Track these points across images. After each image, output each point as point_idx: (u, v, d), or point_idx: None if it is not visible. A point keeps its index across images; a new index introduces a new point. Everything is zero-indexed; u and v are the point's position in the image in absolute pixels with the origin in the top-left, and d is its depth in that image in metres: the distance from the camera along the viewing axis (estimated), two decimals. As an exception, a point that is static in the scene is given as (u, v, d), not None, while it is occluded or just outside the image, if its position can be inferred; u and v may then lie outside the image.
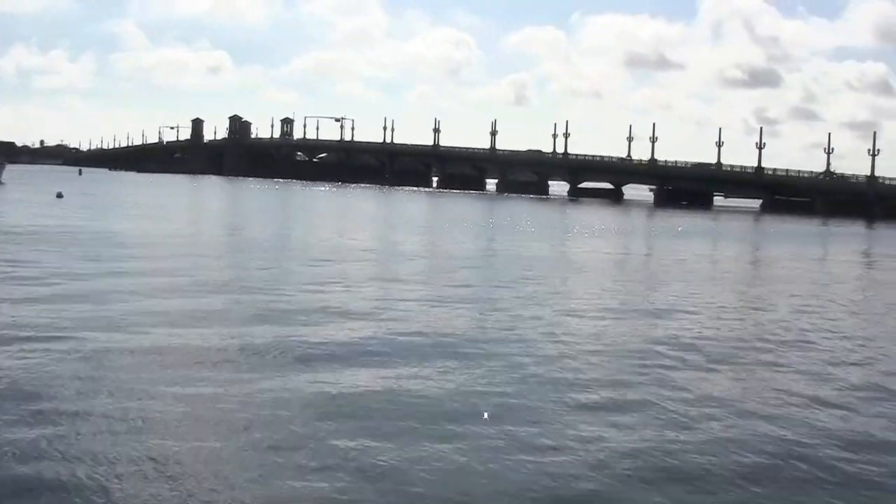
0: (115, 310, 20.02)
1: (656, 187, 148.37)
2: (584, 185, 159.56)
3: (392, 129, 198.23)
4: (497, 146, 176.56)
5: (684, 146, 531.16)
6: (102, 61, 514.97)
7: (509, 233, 58.16)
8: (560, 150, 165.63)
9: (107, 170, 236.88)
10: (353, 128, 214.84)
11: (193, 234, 47.72)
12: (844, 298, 29.30)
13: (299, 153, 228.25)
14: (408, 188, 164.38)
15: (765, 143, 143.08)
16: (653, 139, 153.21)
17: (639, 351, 18.09)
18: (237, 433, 11.47)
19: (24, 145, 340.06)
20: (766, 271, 42.24)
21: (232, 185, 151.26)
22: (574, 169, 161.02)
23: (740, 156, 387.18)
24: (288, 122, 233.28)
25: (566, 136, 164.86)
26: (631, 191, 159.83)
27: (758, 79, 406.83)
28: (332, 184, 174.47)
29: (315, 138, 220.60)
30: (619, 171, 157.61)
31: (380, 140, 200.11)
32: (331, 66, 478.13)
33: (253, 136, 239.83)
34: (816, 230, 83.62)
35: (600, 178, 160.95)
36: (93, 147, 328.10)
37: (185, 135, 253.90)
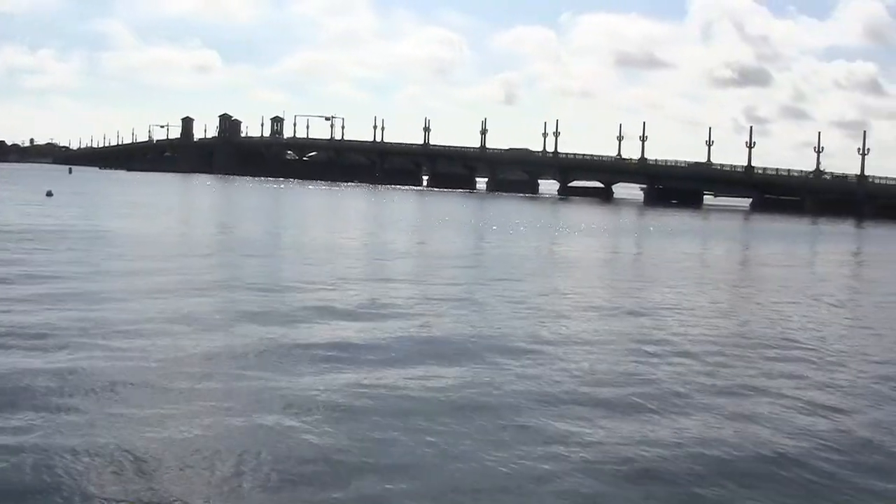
0: (104, 310, 20.00)
1: (646, 186, 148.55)
2: (575, 183, 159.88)
3: (382, 129, 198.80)
4: (487, 145, 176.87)
5: (674, 145, 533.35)
6: (91, 60, 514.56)
7: (499, 232, 58.18)
8: (550, 149, 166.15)
9: (97, 168, 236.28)
10: (343, 127, 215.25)
11: (184, 232, 47.61)
12: (832, 297, 29.38)
13: (289, 152, 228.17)
14: (398, 187, 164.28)
15: (755, 142, 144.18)
16: (643, 138, 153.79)
17: (626, 350, 18.15)
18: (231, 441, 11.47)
19: (13, 144, 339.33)
20: (755, 270, 42.35)
21: (222, 184, 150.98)
22: (564, 168, 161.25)
23: (730, 155, 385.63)
24: (278, 121, 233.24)
25: (556, 135, 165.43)
26: (621, 190, 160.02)
27: (747, 78, 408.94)
28: (323, 183, 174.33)
29: (305, 137, 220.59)
30: (610, 170, 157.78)
31: (370, 139, 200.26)
32: (320, 66, 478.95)
33: (243, 134, 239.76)
34: (806, 229, 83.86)
35: (590, 177, 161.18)
36: (83, 146, 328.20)
37: (175, 133, 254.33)
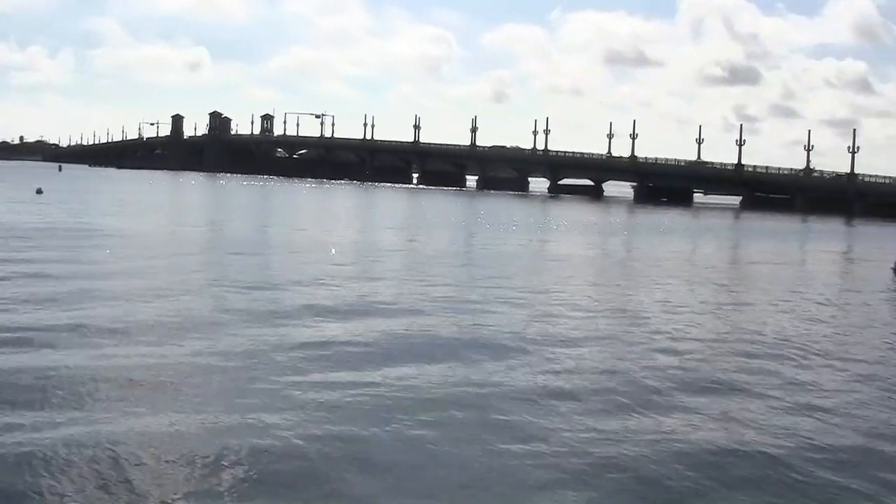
0: (93, 311, 19.97)
1: (636, 184, 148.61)
2: (565, 181, 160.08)
3: (372, 126, 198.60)
4: (477, 143, 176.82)
5: (665, 143, 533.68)
6: (82, 58, 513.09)
7: (488, 230, 58.18)
8: (540, 146, 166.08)
9: (87, 166, 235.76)
10: (333, 125, 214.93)
11: (173, 230, 47.55)
12: (820, 295, 29.45)
13: (279, 150, 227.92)
14: (388, 185, 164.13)
15: (745, 141, 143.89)
16: (633, 136, 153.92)
17: (612, 349, 18.21)
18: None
19: (3, 141, 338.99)
20: (744, 268, 42.40)
21: (212, 182, 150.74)
22: (554, 166, 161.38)
23: (720, 153, 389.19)
24: (268, 119, 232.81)
25: (546, 132, 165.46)
26: (611, 188, 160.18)
27: (737, 76, 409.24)
28: (313, 180, 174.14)
29: (295, 135, 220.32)
30: (600, 167, 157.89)
31: (360, 137, 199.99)
32: (311, 64, 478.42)
33: (233, 132, 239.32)
34: (796, 227, 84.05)
35: (581, 175, 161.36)
36: (73, 143, 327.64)
37: (166, 131, 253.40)
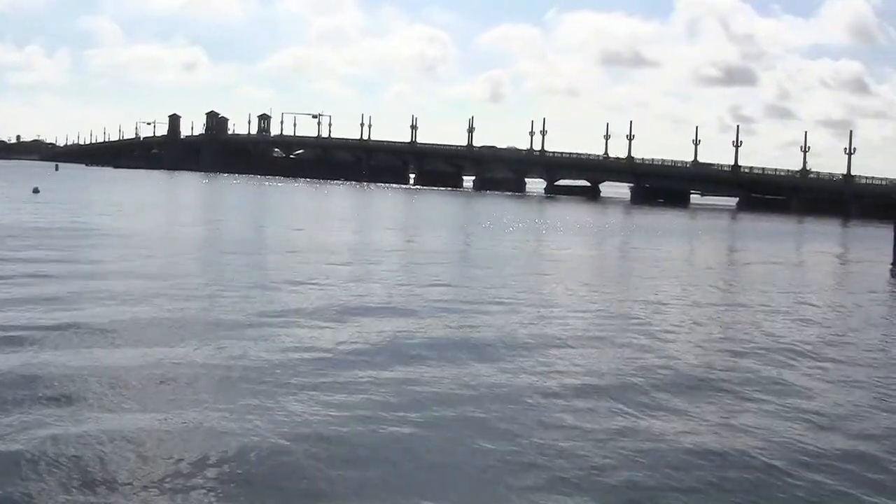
0: (88, 313, 19.93)
1: (633, 185, 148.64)
2: (561, 182, 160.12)
3: (369, 127, 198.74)
4: (474, 143, 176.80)
5: (661, 144, 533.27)
6: (78, 57, 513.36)
7: (484, 230, 58.13)
8: (537, 147, 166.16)
9: (84, 165, 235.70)
10: (330, 125, 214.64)
11: (170, 230, 47.50)
12: (817, 298, 29.46)
13: (276, 149, 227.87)
14: (385, 185, 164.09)
15: (741, 141, 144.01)
16: (629, 137, 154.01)
17: (607, 352, 18.19)
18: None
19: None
20: (740, 269, 42.36)
21: (209, 181, 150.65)
22: (551, 166, 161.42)
23: (717, 154, 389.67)
24: (265, 119, 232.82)
25: (543, 133, 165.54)
26: (608, 188, 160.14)
27: (733, 77, 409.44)
28: (309, 180, 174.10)
29: (292, 135, 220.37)
30: (596, 168, 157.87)
31: (357, 137, 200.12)
32: (307, 63, 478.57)
33: (230, 132, 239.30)
34: (793, 228, 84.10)
35: (577, 176, 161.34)
36: (69, 143, 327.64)
37: (162, 131, 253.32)
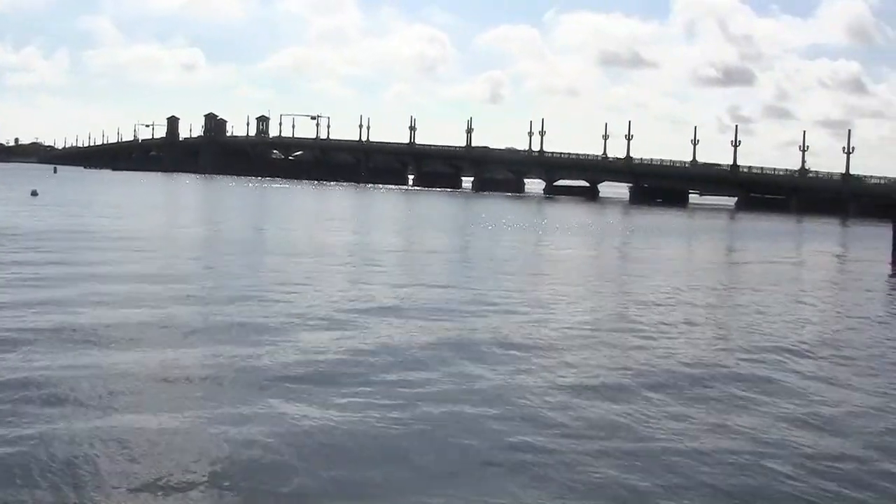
0: (84, 315, 19.90)
1: (632, 185, 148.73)
2: (560, 182, 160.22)
3: (368, 128, 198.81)
4: (473, 144, 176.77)
5: (660, 144, 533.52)
6: (76, 58, 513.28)
7: (483, 231, 58.11)
8: (536, 147, 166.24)
9: (82, 168, 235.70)
10: (328, 126, 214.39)
11: (168, 233, 47.45)
12: (816, 297, 29.47)
13: (275, 151, 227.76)
14: (384, 186, 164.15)
15: (740, 141, 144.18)
16: (628, 137, 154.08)
17: (603, 354, 18.19)
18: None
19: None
20: (738, 270, 42.34)
21: (208, 184, 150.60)
22: (550, 167, 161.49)
23: (715, 154, 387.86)
24: (263, 120, 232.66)
25: (542, 133, 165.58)
26: (607, 189, 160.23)
27: (731, 77, 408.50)
28: (308, 182, 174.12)
29: (291, 136, 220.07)
30: (595, 168, 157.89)
31: (356, 138, 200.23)
32: (306, 63, 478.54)
33: (228, 133, 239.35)
34: (792, 228, 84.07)
35: (576, 176, 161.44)
36: (68, 145, 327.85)
37: (161, 133, 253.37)
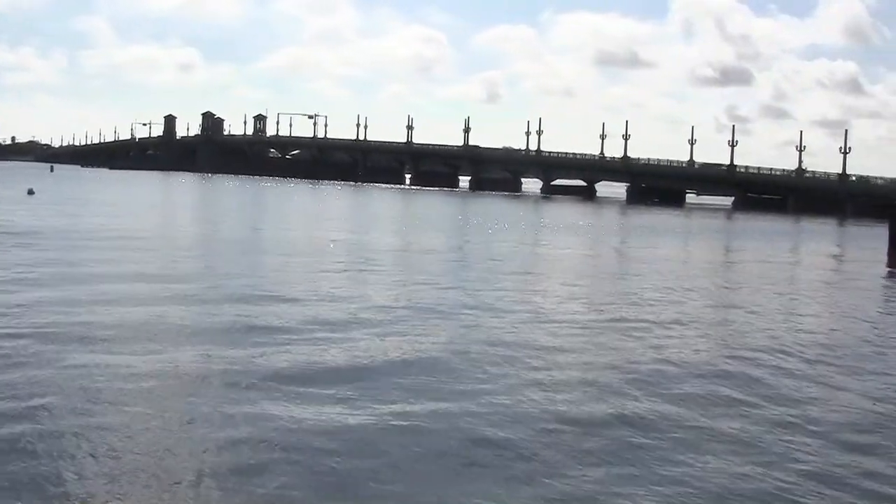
0: (87, 317, 19.89)
1: (629, 185, 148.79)
2: (558, 182, 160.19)
3: (365, 127, 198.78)
4: (470, 144, 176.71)
5: (657, 144, 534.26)
6: (73, 58, 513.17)
7: (480, 230, 58.10)
8: (533, 147, 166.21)
9: (79, 166, 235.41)
10: (326, 125, 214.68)
11: (165, 232, 47.43)
12: (813, 298, 29.50)
13: (272, 150, 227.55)
14: (381, 185, 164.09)
15: (737, 141, 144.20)
16: (625, 137, 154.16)
17: (598, 356, 18.19)
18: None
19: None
20: (734, 269, 42.34)
21: (205, 182, 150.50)
22: (547, 166, 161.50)
23: (713, 154, 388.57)
24: (261, 119, 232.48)
25: (539, 133, 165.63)
26: (604, 188, 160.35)
27: (729, 77, 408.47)
28: (305, 181, 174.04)
29: (288, 135, 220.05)
30: (592, 168, 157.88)
31: (353, 137, 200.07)
32: (303, 63, 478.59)
33: (226, 132, 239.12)
34: (789, 227, 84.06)
35: (573, 176, 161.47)
36: (64, 144, 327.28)
37: (158, 131, 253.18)
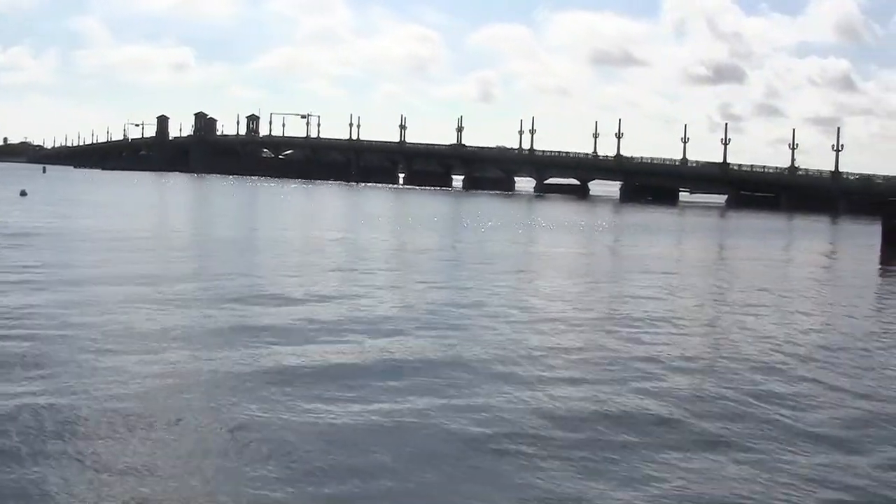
0: (75, 316, 19.83)
1: (622, 183, 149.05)
2: (551, 181, 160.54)
3: (358, 126, 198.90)
4: (464, 143, 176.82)
5: (650, 142, 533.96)
6: (66, 58, 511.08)
7: (473, 230, 58.09)
8: (526, 146, 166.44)
9: (72, 167, 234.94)
10: (319, 125, 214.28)
11: (159, 233, 47.33)
12: (807, 296, 29.50)
13: (265, 150, 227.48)
14: (374, 185, 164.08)
15: (730, 139, 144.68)
16: (619, 135, 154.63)
17: (591, 358, 18.18)
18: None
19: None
20: (727, 267, 42.34)
21: (198, 183, 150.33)
22: (540, 165, 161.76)
23: (706, 152, 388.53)
24: (254, 119, 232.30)
25: (532, 132, 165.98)
26: (597, 187, 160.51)
27: (722, 75, 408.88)
28: (299, 181, 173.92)
29: (281, 135, 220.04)
30: (586, 167, 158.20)
31: (346, 137, 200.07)
32: (296, 63, 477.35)
33: (219, 133, 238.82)
34: (782, 225, 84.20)
35: (567, 175, 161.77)
36: (57, 144, 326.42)
37: (151, 132, 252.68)
